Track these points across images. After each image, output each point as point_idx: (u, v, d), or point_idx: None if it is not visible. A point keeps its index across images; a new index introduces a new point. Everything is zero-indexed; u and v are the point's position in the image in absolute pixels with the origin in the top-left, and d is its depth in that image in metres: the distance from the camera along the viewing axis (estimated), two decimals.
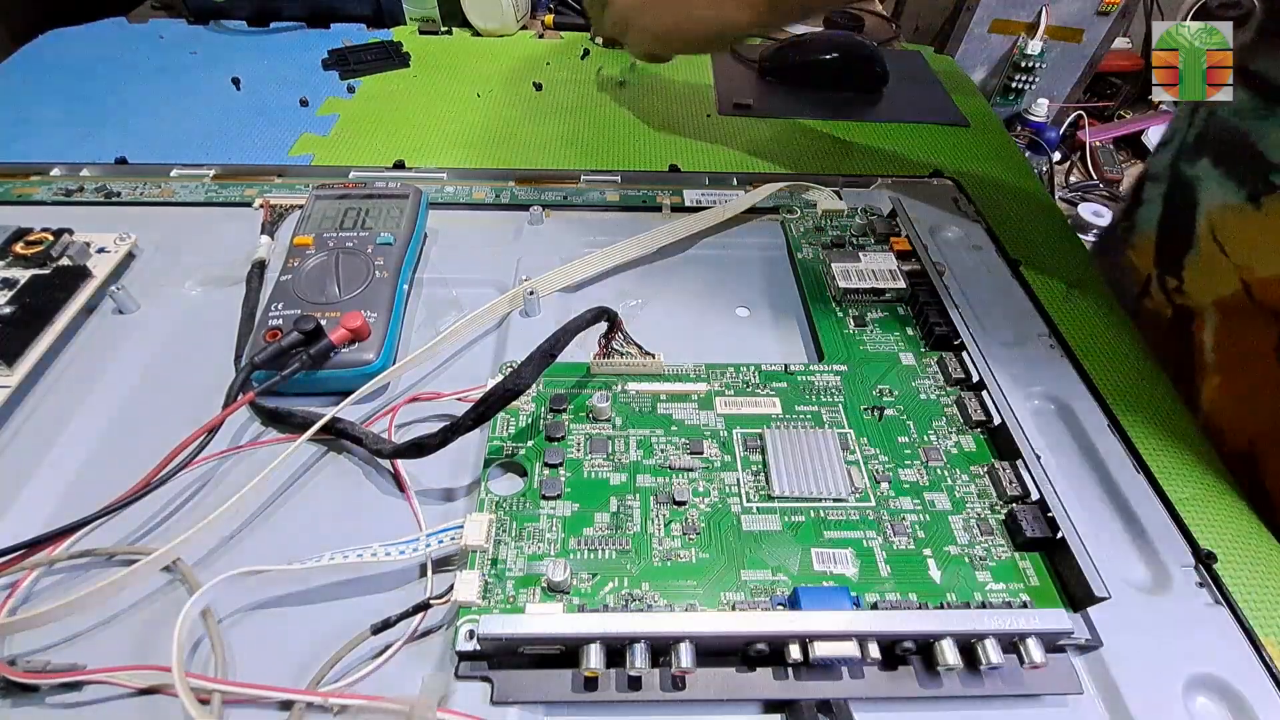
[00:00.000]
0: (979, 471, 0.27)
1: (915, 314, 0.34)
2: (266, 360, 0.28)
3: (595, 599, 0.23)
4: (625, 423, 0.28)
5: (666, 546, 0.24)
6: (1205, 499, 0.29)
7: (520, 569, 0.23)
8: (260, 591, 0.24)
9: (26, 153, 0.44)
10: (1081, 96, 1.26)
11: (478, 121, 0.50)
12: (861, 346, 0.32)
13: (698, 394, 0.30)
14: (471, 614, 0.22)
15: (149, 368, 0.31)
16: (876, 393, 0.30)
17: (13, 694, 0.21)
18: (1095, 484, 0.29)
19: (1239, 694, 0.23)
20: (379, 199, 0.36)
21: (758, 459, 0.27)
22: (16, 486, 0.26)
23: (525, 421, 0.28)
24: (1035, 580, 0.24)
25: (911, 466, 0.27)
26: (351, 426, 0.27)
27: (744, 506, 0.26)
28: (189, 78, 0.54)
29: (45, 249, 0.33)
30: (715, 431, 0.28)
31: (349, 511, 0.26)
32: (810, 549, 0.24)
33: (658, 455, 0.27)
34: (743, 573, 0.24)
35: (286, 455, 0.26)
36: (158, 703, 0.21)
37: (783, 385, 0.30)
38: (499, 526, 0.25)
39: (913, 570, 0.24)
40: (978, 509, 0.26)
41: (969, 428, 0.29)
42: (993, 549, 0.25)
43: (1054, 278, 0.39)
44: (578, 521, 0.25)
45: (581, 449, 0.27)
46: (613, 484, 0.26)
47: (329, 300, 0.31)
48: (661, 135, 0.50)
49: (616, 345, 0.30)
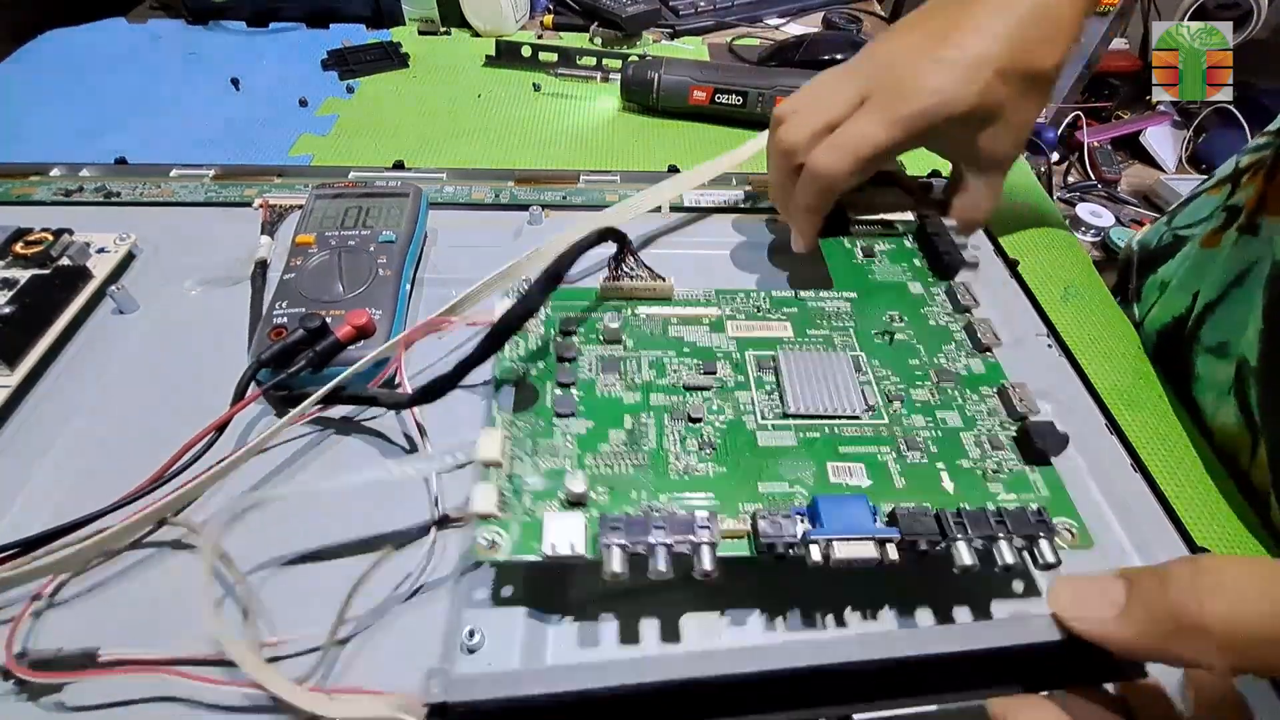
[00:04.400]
0: (989, 392, 0.27)
1: (923, 246, 0.34)
2: (273, 358, 0.28)
3: (615, 508, 0.23)
4: (637, 344, 0.28)
5: (684, 463, 0.24)
6: (1201, 498, 0.30)
7: (537, 484, 0.23)
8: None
9: (26, 153, 0.44)
10: (1079, 97, 1.26)
11: (477, 121, 0.51)
12: (870, 276, 0.33)
13: (709, 318, 0.30)
14: (490, 525, 0.22)
15: (149, 368, 0.31)
16: (886, 318, 0.30)
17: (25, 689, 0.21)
18: (1092, 483, 0.29)
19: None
20: (380, 197, 0.36)
21: (771, 379, 0.27)
22: (16, 486, 0.26)
23: (535, 345, 0.28)
24: (1045, 491, 0.24)
25: (923, 387, 0.27)
26: (362, 390, 0.27)
27: (759, 423, 0.26)
28: (188, 78, 0.54)
29: (45, 249, 0.33)
30: (728, 353, 0.28)
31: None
32: (826, 464, 0.25)
33: (670, 375, 0.27)
34: (760, 485, 0.24)
35: (292, 418, 0.26)
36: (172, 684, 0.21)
37: (793, 310, 0.30)
38: (513, 443, 0.24)
39: (926, 481, 0.24)
40: (988, 425, 0.26)
41: (978, 351, 0.29)
42: (1004, 463, 0.25)
43: (1052, 278, 0.40)
44: (592, 438, 0.25)
45: (593, 369, 0.27)
46: (626, 402, 0.26)
47: (333, 298, 0.31)
48: (660, 135, 0.50)
49: (627, 269, 0.30)
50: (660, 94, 0.51)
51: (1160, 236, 0.42)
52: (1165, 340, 0.38)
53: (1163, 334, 0.38)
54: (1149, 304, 0.40)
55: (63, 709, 0.21)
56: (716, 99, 0.50)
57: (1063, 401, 0.32)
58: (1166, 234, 0.41)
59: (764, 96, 0.49)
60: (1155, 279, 0.41)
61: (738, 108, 0.50)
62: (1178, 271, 0.39)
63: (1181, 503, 0.28)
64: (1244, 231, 0.34)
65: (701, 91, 0.50)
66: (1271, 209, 0.33)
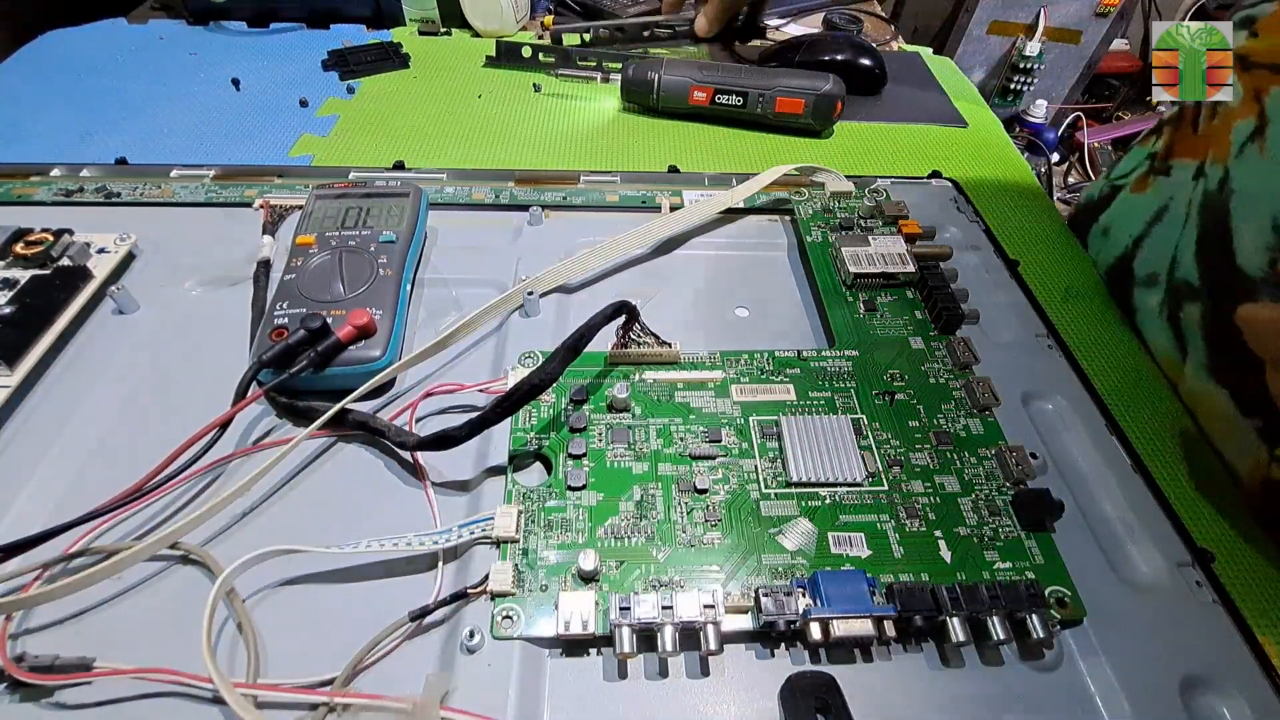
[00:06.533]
0: (987, 453, 0.28)
1: (925, 298, 0.34)
2: (274, 358, 0.28)
3: (625, 586, 0.23)
4: (645, 412, 0.29)
5: (690, 534, 0.25)
6: (1202, 499, 0.30)
7: (551, 559, 0.24)
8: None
9: (27, 153, 0.44)
10: (1080, 98, 1.26)
11: (477, 122, 0.51)
12: (872, 331, 0.33)
13: (714, 381, 0.30)
14: (506, 602, 0.23)
15: (149, 368, 0.31)
16: (887, 378, 0.31)
17: (20, 690, 0.21)
18: (1093, 484, 0.29)
19: (1236, 693, 0.23)
20: (380, 197, 0.36)
21: (774, 445, 0.28)
22: (17, 486, 0.26)
23: (547, 413, 0.29)
24: (1040, 559, 0.25)
25: (922, 450, 0.28)
26: (374, 420, 0.28)
27: (762, 493, 0.26)
28: (189, 78, 0.54)
29: (45, 249, 0.33)
30: (732, 419, 0.29)
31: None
32: (827, 534, 0.25)
33: (677, 444, 0.28)
34: (763, 557, 0.24)
35: (300, 441, 0.26)
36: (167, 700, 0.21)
37: (795, 371, 0.31)
38: (527, 518, 0.25)
39: (924, 551, 0.25)
40: (985, 490, 0.27)
41: (977, 411, 0.29)
42: (1000, 529, 0.26)
43: (1052, 278, 0.40)
44: (603, 511, 0.26)
45: (603, 439, 0.28)
46: (635, 473, 0.27)
47: (334, 298, 0.31)
48: (660, 136, 0.50)
49: (634, 335, 0.31)
50: (660, 94, 0.50)
51: (1101, 188, 0.44)
52: (1112, 280, 0.40)
53: (1110, 274, 0.40)
54: (1096, 249, 0.42)
55: (61, 708, 0.21)
56: (717, 99, 0.50)
57: (1063, 401, 0.32)
58: (1105, 185, 0.44)
59: (764, 97, 0.49)
60: (1098, 226, 0.43)
61: (738, 108, 0.50)
62: (1114, 217, 0.42)
63: (1182, 503, 0.28)
64: (1159, 174, 0.38)
65: (702, 92, 0.50)
66: (1179, 152, 0.37)
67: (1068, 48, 1.18)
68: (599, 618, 0.22)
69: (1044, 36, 1.15)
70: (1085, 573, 0.25)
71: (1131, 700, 0.22)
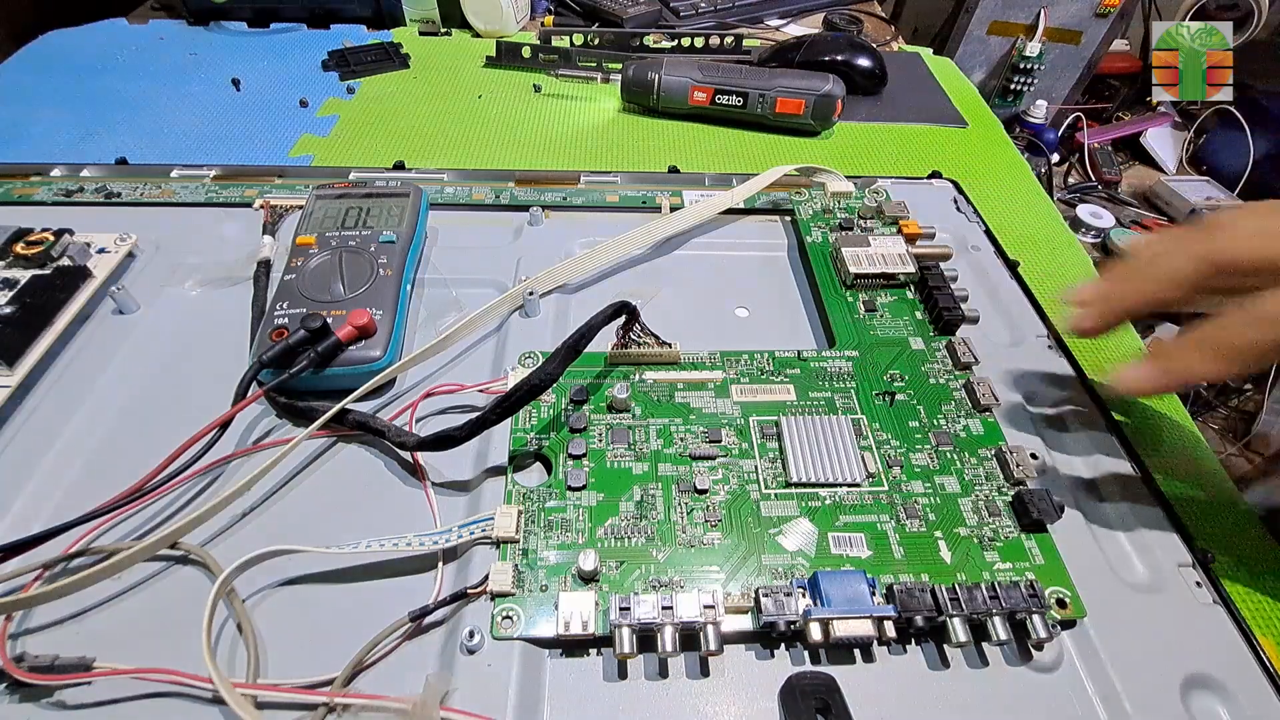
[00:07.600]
0: (987, 454, 0.28)
1: (925, 298, 0.34)
2: (274, 358, 0.28)
3: (624, 586, 0.23)
4: (645, 412, 0.29)
5: (690, 534, 0.25)
6: (1202, 498, 0.30)
7: (551, 559, 0.24)
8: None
9: (27, 153, 0.44)
10: (1080, 98, 1.26)
11: (478, 122, 0.51)
12: (872, 332, 0.33)
13: (714, 382, 0.30)
14: (506, 602, 0.23)
15: (149, 368, 0.31)
16: (887, 378, 0.31)
17: (20, 690, 0.21)
18: (1093, 484, 0.29)
19: (1236, 693, 0.23)
20: (380, 198, 0.36)
21: (774, 446, 0.28)
22: (17, 486, 0.26)
23: (547, 413, 0.29)
24: (1040, 559, 0.25)
25: (922, 450, 0.28)
26: (374, 420, 0.28)
27: (762, 493, 0.26)
28: (189, 79, 0.54)
29: (45, 249, 0.33)
30: (732, 419, 0.29)
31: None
32: (827, 534, 0.25)
33: (677, 444, 0.28)
34: (763, 557, 0.24)
35: (300, 441, 0.26)
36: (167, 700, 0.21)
37: (795, 372, 0.31)
38: (527, 518, 0.25)
39: (925, 551, 0.25)
40: (985, 491, 0.27)
41: (977, 411, 0.29)
42: (1000, 530, 0.25)
43: (1052, 278, 0.40)
44: (603, 511, 0.26)
45: (603, 439, 0.28)
46: (635, 473, 0.27)
47: (334, 298, 0.31)
48: (660, 136, 0.50)
49: (634, 335, 0.31)
50: (660, 95, 0.51)
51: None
52: None
53: None
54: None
55: (61, 708, 0.21)
56: (717, 100, 0.50)
57: (1063, 402, 0.32)
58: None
59: (764, 97, 0.49)
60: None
61: (738, 108, 0.50)
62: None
63: (1182, 504, 0.28)
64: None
65: (702, 92, 0.50)
66: None
67: (1068, 48, 1.18)
68: (599, 618, 0.22)
69: (1044, 37, 1.15)
70: (1085, 573, 0.25)
71: (1131, 700, 0.22)
